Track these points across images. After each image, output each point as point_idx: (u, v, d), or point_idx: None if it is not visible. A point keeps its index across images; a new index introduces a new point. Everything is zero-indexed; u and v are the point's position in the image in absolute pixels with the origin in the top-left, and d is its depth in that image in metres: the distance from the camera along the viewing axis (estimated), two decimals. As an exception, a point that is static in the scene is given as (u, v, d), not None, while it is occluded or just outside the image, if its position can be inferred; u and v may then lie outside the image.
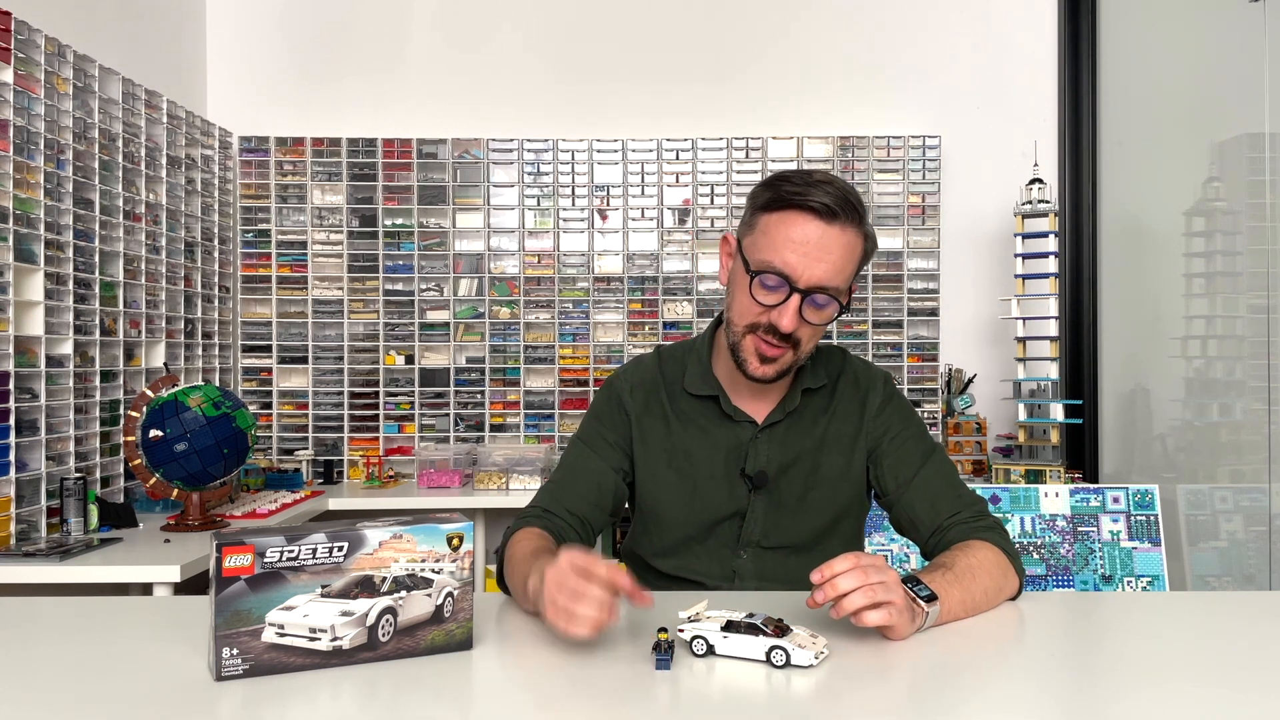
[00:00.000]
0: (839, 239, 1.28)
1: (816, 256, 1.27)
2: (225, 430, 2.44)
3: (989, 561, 1.27)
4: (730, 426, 1.44)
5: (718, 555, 1.44)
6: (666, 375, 1.50)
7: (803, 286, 1.28)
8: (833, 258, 1.28)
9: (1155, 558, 2.18)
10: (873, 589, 1.07)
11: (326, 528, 1.03)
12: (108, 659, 1.09)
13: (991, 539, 1.33)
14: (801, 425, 1.45)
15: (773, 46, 3.59)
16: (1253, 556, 2.65)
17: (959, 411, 3.29)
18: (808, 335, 1.33)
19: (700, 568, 1.44)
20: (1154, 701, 0.96)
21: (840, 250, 1.28)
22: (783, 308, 1.29)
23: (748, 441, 1.43)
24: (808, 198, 1.27)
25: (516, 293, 3.51)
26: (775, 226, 1.29)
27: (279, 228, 3.49)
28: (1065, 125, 3.50)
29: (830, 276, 1.28)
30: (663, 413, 1.47)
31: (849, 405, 1.47)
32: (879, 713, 0.95)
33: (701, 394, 1.45)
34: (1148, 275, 3.27)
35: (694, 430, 1.45)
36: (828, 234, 1.27)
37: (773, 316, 1.30)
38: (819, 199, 1.26)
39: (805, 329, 1.32)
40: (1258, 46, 2.63)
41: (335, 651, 1.02)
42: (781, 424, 1.44)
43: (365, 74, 3.60)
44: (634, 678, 1.01)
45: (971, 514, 1.39)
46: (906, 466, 1.44)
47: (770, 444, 1.43)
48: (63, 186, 2.50)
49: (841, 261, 1.29)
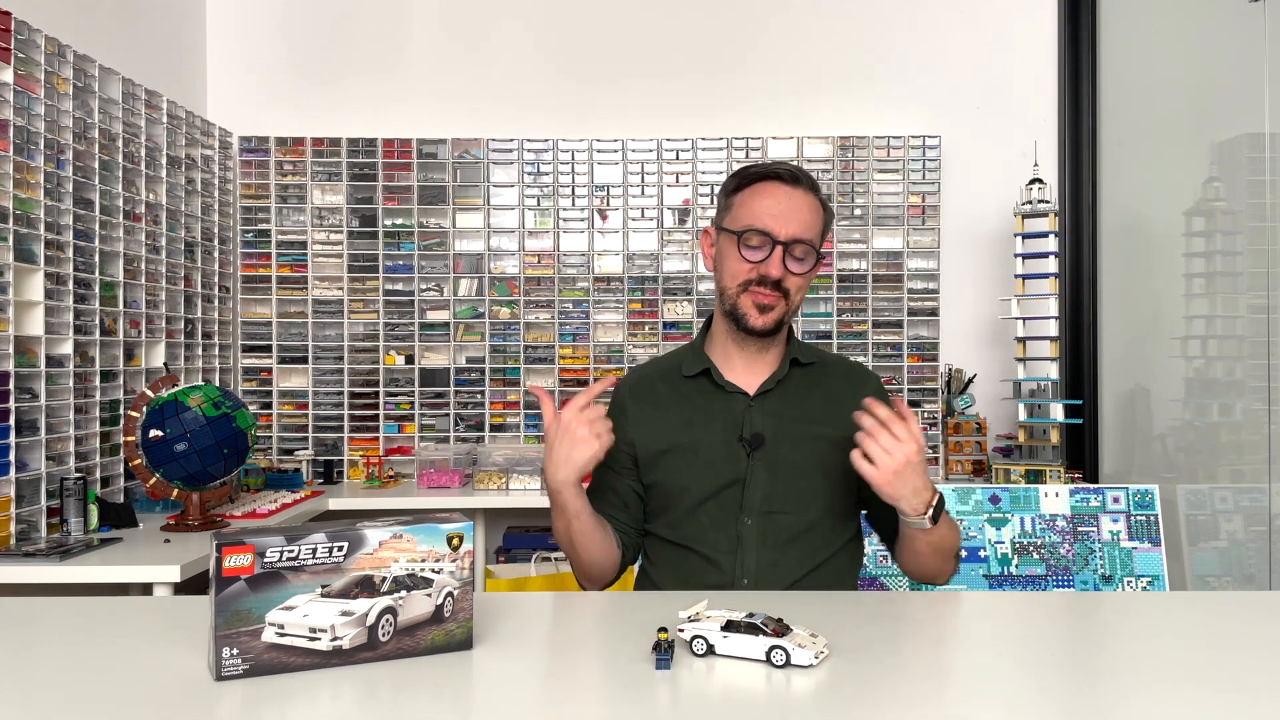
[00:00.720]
0: (804, 199, 1.49)
1: (789, 215, 1.46)
2: (225, 430, 2.44)
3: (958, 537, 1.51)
4: (725, 398, 1.54)
5: (723, 523, 1.50)
6: (665, 367, 1.62)
7: (783, 239, 1.46)
8: (802, 215, 1.48)
9: (1155, 558, 2.18)
10: (892, 456, 1.31)
11: (326, 528, 1.03)
12: (108, 659, 1.09)
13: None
14: (793, 396, 1.55)
15: (773, 46, 3.59)
16: (1253, 556, 2.65)
17: (959, 411, 3.29)
18: (795, 286, 1.49)
19: (707, 538, 1.50)
20: (1154, 701, 0.96)
21: (807, 208, 1.48)
22: (769, 260, 1.46)
23: (742, 411, 1.53)
24: (771, 169, 1.50)
25: (516, 293, 3.51)
26: (750, 198, 1.49)
27: (279, 228, 3.49)
28: (1065, 125, 3.50)
29: (804, 230, 1.47)
30: (663, 396, 1.57)
31: (842, 387, 1.58)
32: (879, 713, 0.95)
33: (695, 372, 1.57)
34: (1148, 275, 3.26)
35: (691, 407, 1.55)
36: (794, 194, 1.48)
37: (761, 269, 1.47)
38: (782, 169, 1.49)
39: (792, 279, 1.48)
40: (1258, 46, 2.63)
41: (335, 651, 1.02)
42: (774, 393, 1.54)
43: (365, 74, 3.61)
44: (634, 678, 1.01)
45: None
46: None
47: (764, 412, 1.53)
48: (63, 186, 2.50)
49: (810, 218, 1.49)
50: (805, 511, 1.50)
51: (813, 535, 1.50)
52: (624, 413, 1.57)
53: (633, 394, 1.59)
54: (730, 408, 1.53)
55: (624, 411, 1.57)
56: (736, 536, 1.49)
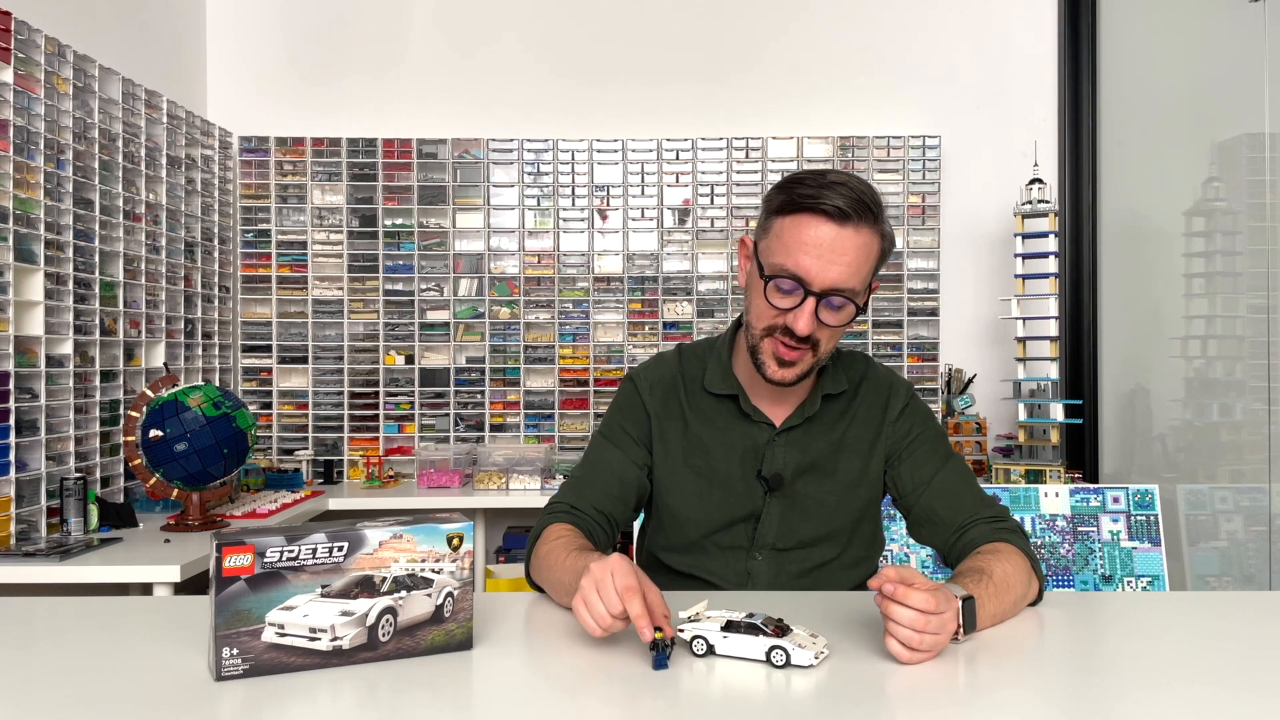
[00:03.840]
0: (853, 240, 1.27)
1: (830, 259, 1.26)
2: (225, 430, 2.44)
3: (1020, 569, 1.26)
4: (748, 427, 1.44)
5: (732, 556, 1.44)
6: (686, 373, 1.49)
7: (817, 290, 1.27)
8: (847, 259, 1.26)
9: (1155, 558, 2.18)
10: (922, 639, 1.03)
11: (326, 528, 1.03)
12: (108, 659, 1.09)
13: (1016, 542, 1.32)
14: (819, 429, 1.44)
15: (773, 46, 3.59)
16: (1253, 556, 2.65)
17: (959, 411, 3.29)
18: (826, 337, 1.32)
19: (714, 568, 1.44)
20: (1154, 701, 0.96)
21: (855, 252, 1.27)
22: (798, 311, 1.28)
23: (765, 444, 1.43)
24: (820, 200, 1.26)
25: (516, 293, 3.51)
26: (789, 230, 1.28)
27: (279, 228, 3.50)
28: (1065, 125, 3.50)
29: (845, 279, 1.27)
30: (681, 411, 1.47)
31: (869, 410, 1.46)
32: (879, 713, 0.95)
33: (721, 393, 1.45)
34: (1148, 275, 3.27)
35: (712, 429, 1.45)
36: (841, 236, 1.26)
37: (788, 320, 1.29)
38: (832, 201, 1.25)
39: (823, 331, 1.31)
40: (1258, 46, 2.63)
41: (335, 651, 1.02)
42: (799, 428, 1.43)
43: (365, 74, 3.60)
44: (634, 678, 1.01)
45: (993, 514, 1.38)
46: (926, 467, 1.43)
47: (788, 447, 1.43)
48: (63, 186, 2.50)
49: (857, 263, 1.27)
50: (820, 549, 1.44)
51: (828, 570, 1.44)
52: (644, 408, 1.47)
53: (653, 395, 1.48)
54: (753, 437, 1.43)
55: (644, 407, 1.47)
56: (746, 572, 1.43)
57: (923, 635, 1.03)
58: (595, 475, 1.46)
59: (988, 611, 1.17)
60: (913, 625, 1.03)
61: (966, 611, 1.11)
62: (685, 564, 1.46)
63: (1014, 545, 1.31)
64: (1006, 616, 1.22)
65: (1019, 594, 1.24)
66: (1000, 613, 1.20)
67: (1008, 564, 1.25)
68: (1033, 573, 1.28)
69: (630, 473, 1.45)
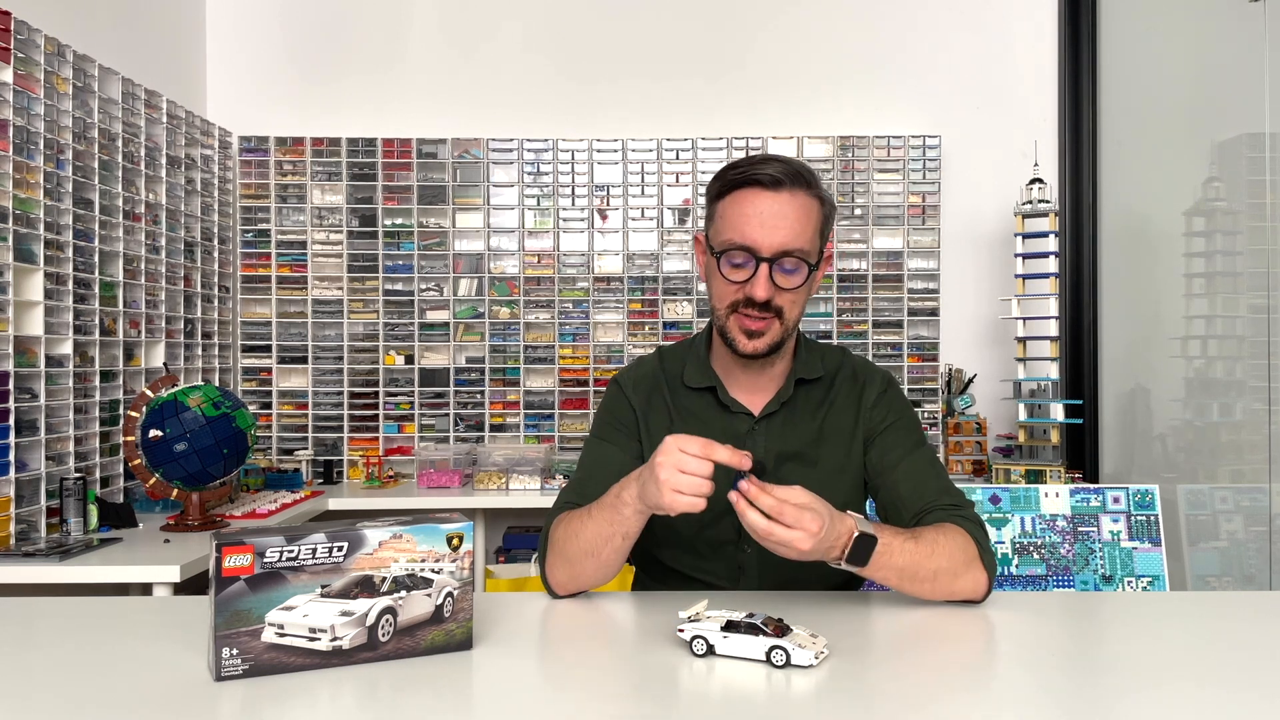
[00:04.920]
0: (791, 204, 1.33)
1: (773, 225, 1.32)
2: (225, 430, 2.44)
3: (955, 546, 1.28)
4: (728, 418, 1.46)
5: (723, 550, 1.44)
6: (667, 371, 1.53)
7: (767, 255, 1.32)
8: (789, 222, 1.32)
9: (1155, 558, 2.18)
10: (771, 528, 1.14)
11: (326, 528, 1.03)
12: (108, 659, 1.09)
13: (968, 529, 1.33)
14: (799, 417, 1.46)
15: (772, 46, 3.59)
16: (1253, 556, 2.65)
17: (959, 411, 3.29)
18: (788, 303, 1.37)
19: (707, 565, 1.45)
20: (1154, 701, 0.96)
21: (796, 213, 1.33)
22: (754, 279, 1.33)
23: (745, 433, 1.45)
24: (753, 172, 1.33)
25: (516, 293, 3.51)
26: (729, 208, 1.35)
27: (279, 228, 3.49)
28: (1065, 125, 3.50)
29: (791, 240, 1.33)
30: (665, 407, 1.49)
31: (847, 399, 1.48)
32: (879, 713, 0.95)
33: (699, 386, 1.48)
34: (1148, 275, 3.27)
35: (694, 423, 1.46)
36: (778, 200, 1.33)
37: (747, 290, 1.34)
38: (765, 171, 1.33)
39: (783, 296, 1.35)
40: (1258, 46, 2.63)
41: (335, 651, 1.02)
42: (778, 415, 1.46)
43: (365, 74, 3.60)
44: (634, 678, 1.01)
45: (954, 502, 1.39)
46: (895, 451, 1.45)
47: (768, 435, 1.45)
48: (62, 186, 2.50)
49: (800, 224, 1.33)
50: None
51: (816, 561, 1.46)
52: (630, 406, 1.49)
53: (637, 392, 1.50)
54: (733, 428, 1.45)
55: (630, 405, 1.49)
56: (738, 566, 1.44)
57: (773, 525, 1.14)
58: (595, 472, 1.46)
59: (893, 562, 1.22)
60: (770, 510, 1.14)
61: (859, 545, 1.19)
62: (680, 564, 1.47)
63: (962, 529, 1.32)
64: (920, 580, 1.25)
65: (944, 566, 1.26)
66: (909, 568, 1.24)
67: (943, 536, 1.28)
68: (977, 560, 1.30)
69: (628, 465, 1.44)
